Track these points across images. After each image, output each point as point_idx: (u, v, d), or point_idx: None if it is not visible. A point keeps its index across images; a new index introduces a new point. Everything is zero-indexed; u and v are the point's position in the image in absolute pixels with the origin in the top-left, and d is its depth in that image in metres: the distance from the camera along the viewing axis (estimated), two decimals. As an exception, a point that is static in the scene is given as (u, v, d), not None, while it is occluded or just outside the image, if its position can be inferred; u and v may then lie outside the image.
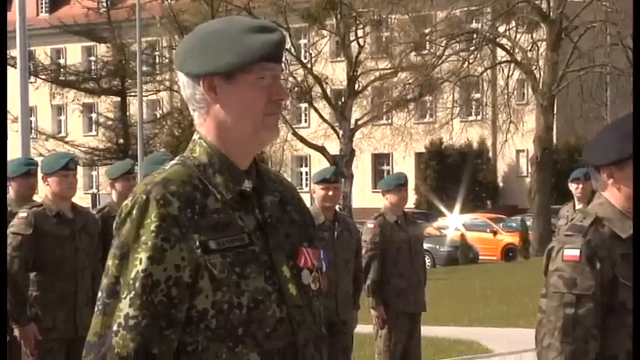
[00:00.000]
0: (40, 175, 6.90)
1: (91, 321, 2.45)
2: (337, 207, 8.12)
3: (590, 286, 3.08)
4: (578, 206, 9.38)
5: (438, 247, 31.01)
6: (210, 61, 2.45)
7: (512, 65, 35.11)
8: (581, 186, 9.56)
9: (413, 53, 36.83)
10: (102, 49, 42.95)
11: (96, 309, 2.43)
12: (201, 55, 2.46)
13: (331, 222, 7.65)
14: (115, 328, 2.37)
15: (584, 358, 3.06)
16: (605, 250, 3.10)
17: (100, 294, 2.43)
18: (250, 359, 2.40)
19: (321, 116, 38.73)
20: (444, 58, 35.16)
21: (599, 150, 3.19)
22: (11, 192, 7.12)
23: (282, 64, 2.57)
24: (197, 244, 2.40)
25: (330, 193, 7.59)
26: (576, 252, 3.09)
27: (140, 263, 2.38)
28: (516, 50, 34.85)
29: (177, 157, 2.54)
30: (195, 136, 2.53)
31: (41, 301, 6.61)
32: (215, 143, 2.49)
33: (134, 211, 2.41)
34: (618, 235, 3.12)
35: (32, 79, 37.07)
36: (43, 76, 40.60)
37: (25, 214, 6.62)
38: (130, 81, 38.94)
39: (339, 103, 39.05)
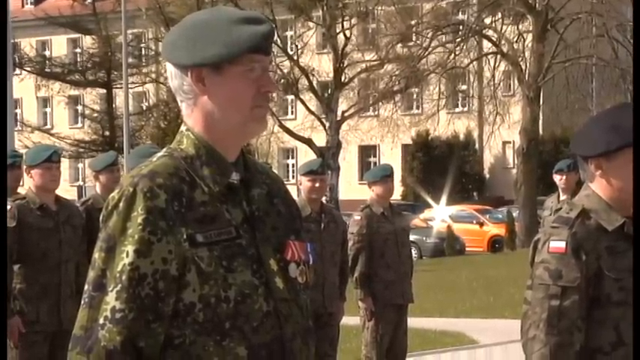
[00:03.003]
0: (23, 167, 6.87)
1: (74, 313, 2.44)
2: (324, 199, 8.11)
3: (576, 278, 3.08)
4: (563, 197, 9.41)
5: (424, 238, 31.04)
6: (198, 52, 2.44)
7: (499, 57, 35.13)
8: (565, 177, 9.58)
9: (399, 45, 36.81)
10: (87, 41, 42.78)
11: (82, 302, 2.42)
12: (189, 46, 2.45)
13: (318, 214, 7.65)
14: (101, 321, 2.36)
15: (569, 349, 3.07)
16: (591, 242, 3.10)
17: (86, 287, 2.42)
18: (237, 353, 2.40)
19: (307, 108, 38.73)
20: (430, 49, 35.16)
21: (587, 141, 3.19)
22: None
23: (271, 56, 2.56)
24: (184, 237, 2.39)
25: (317, 184, 7.59)
26: (562, 244, 3.09)
27: (127, 256, 2.37)
28: (502, 42, 34.86)
29: (164, 149, 2.52)
30: (183, 128, 2.52)
31: (25, 293, 6.59)
32: (202, 135, 2.48)
33: (121, 204, 2.40)
34: (604, 227, 3.12)
35: (17, 71, 36.92)
36: (29, 68, 40.43)
37: (8, 207, 6.59)
38: (115, 73, 38.80)
39: (326, 95, 39.04)
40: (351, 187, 44.37)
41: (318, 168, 7.65)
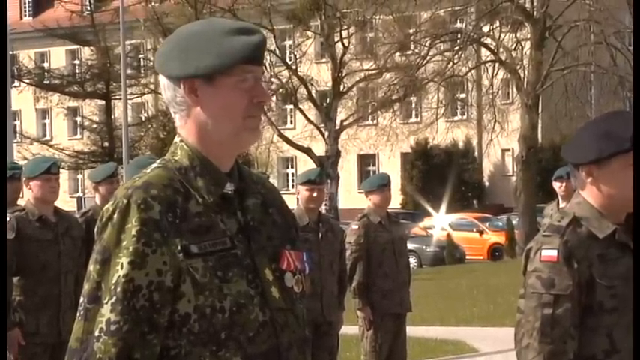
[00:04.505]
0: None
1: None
2: (323, 208, 8.12)
3: (568, 286, 3.09)
4: (562, 205, 9.40)
5: (424, 247, 31.03)
6: (190, 63, 2.44)
7: (497, 65, 35.13)
8: (564, 184, 9.57)
9: (397, 54, 36.84)
10: (86, 53, 42.86)
11: (78, 314, 2.42)
12: (181, 57, 2.46)
13: (315, 223, 7.65)
14: (96, 333, 2.37)
15: (562, 357, 3.07)
16: (583, 250, 3.11)
17: (81, 299, 2.43)
18: (233, 363, 2.40)
19: (306, 117, 38.76)
20: (428, 58, 35.16)
21: (578, 149, 3.20)
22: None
23: (264, 67, 2.57)
24: (179, 248, 2.39)
25: (315, 194, 7.60)
26: (554, 252, 3.10)
27: (121, 268, 2.37)
28: (500, 50, 34.88)
29: (158, 161, 2.53)
30: (177, 139, 2.52)
31: (25, 305, 6.60)
32: (196, 146, 2.48)
33: (115, 216, 2.41)
34: (595, 235, 3.13)
35: (16, 82, 36.96)
36: (27, 80, 40.49)
37: (7, 219, 6.60)
38: (114, 84, 38.84)
39: (325, 104, 39.08)
40: (351, 196, 44.36)
41: (316, 178, 7.66)
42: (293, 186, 46.09)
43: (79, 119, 45.57)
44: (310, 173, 7.84)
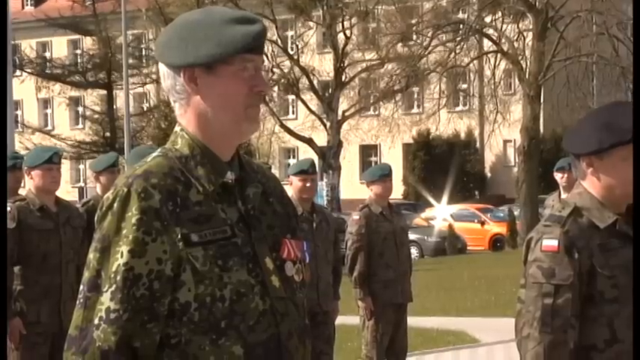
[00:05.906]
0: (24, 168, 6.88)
1: (76, 315, 2.45)
2: (325, 199, 8.12)
3: (569, 276, 3.09)
4: (564, 195, 9.40)
5: (426, 237, 31.04)
6: (190, 52, 2.44)
7: (499, 55, 35.09)
8: (566, 175, 9.57)
9: (399, 44, 36.81)
10: (88, 42, 42.85)
11: (77, 302, 2.43)
12: (180, 46, 2.45)
13: (309, 213, 7.66)
14: (96, 321, 2.37)
15: (562, 347, 3.07)
16: (584, 240, 3.11)
17: (81, 287, 2.44)
18: (233, 352, 2.40)
19: (308, 108, 38.75)
20: (430, 48, 35.12)
21: (579, 139, 3.19)
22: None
23: (265, 57, 2.56)
24: (179, 236, 2.39)
25: (308, 184, 7.61)
26: (554, 242, 3.10)
27: (121, 257, 2.38)
28: (503, 40, 34.83)
29: (159, 149, 2.53)
30: (177, 128, 2.52)
31: (26, 295, 6.60)
32: (196, 135, 2.48)
33: (115, 204, 2.41)
34: (596, 225, 3.13)
35: (18, 72, 36.95)
36: (29, 70, 40.49)
37: (8, 208, 6.60)
38: (116, 74, 38.84)
39: (326, 94, 39.07)
40: (353, 187, 44.36)
41: (308, 168, 7.67)
42: (295, 176, 45.99)
43: (80, 109, 45.57)
44: (302, 163, 7.85)
